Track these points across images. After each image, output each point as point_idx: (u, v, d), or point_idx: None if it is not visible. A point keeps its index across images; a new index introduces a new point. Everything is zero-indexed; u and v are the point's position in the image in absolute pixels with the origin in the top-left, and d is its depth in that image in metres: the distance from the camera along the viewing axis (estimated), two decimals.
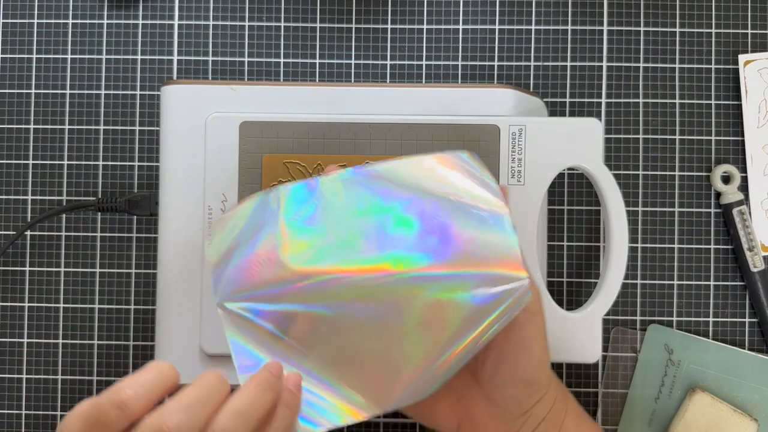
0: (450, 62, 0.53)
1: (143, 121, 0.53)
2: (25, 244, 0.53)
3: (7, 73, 0.54)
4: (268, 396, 0.35)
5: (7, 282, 0.53)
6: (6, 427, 0.52)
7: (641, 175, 0.53)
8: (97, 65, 0.54)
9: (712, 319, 0.52)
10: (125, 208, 0.50)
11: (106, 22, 0.54)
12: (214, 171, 0.46)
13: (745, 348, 0.52)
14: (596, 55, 0.53)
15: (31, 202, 0.53)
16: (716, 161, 0.53)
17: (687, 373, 0.51)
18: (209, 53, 0.54)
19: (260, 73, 0.53)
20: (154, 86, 0.53)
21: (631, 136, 0.53)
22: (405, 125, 0.46)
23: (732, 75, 0.53)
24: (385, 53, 0.54)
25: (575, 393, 0.52)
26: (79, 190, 0.53)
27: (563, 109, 0.53)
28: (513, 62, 0.53)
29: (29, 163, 0.53)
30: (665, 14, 0.54)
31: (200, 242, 0.46)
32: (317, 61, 0.54)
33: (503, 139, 0.46)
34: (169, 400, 0.33)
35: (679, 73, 0.53)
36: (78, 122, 0.53)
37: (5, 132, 0.53)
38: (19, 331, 0.53)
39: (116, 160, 0.53)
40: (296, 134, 0.46)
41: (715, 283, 0.53)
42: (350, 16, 0.54)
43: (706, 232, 0.53)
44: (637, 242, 0.53)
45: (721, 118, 0.53)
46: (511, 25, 0.54)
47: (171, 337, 0.47)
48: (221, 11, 0.54)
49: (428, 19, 0.54)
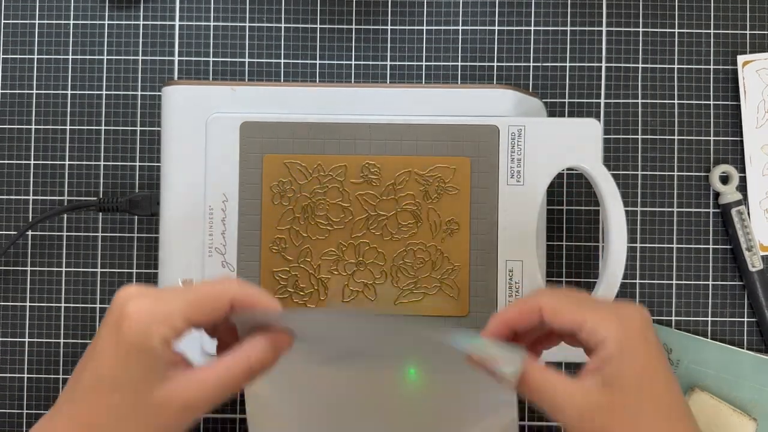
0: (450, 63, 0.54)
1: (144, 122, 0.54)
2: (26, 244, 0.53)
3: (8, 74, 0.54)
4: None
5: (8, 282, 0.53)
6: (7, 427, 0.52)
7: (640, 175, 0.53)
8: (98, 66, 0.54)
9: (711, 318, 0.53)
10: (126, 208, 0.51)
11: (107, 22, 0.54)
12: (214, 171, 0.47)
13: (743, 347, 0.52)
14: (595, 56, 0.54)
15: (32, 202, 0.53)
16: (715, 161, 0.53)
17: (686, 373, 0.52)
18: (210, 54, 0.54)
19: (261, 74, 0.54)
20: (155, 87, 0.54)
21: (630, 137, 0.53)
22: (405, 125, 0.46)
23: (731, 75, 0.53)
24: (385, 54, 0.54)
25: None
26: (80, 190, 0.53)
27: (562, 110, 0.53)
28: (512, 63, 0.54)
29: (30, 163, 0.53)
30: (664, 15, 0.54)
31: (200, 242, 0.47)
32: (317, 62, 0.54)
33: (503, 139, 0.46)
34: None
35: (678, 74, 0.53)
36: (79, 122, 0.53)
37: (7, 132, 0.54)
38: (20, 331, 0.53)
39: (117, 160, 0.53)
40: (296, 134, 0.46)
41: (713, 283, 0.53)
42: (350, 17, 0.54)
43: (705, 232, 0.53)
44: (636, 242, 0.53)
45: (719, 119, 0.53)
46: (511, 26, 0.54)
47: None
48: (222, 12, 0.54)
49: (428, 20, 0.54)
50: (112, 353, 0.33)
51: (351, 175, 0.46)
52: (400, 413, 0.41)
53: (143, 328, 0.32)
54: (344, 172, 0.46)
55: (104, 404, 0.32)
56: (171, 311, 0.33)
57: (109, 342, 0.33)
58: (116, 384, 0.32)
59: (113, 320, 0.33)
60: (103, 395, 0.32)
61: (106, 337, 0.33)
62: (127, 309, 0.33)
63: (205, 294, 0.34)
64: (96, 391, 0.33)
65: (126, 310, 0.33)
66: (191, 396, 0.33)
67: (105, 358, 0.33)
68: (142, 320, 0.33)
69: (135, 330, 0.32)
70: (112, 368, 0.33)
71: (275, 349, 0.35)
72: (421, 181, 0.46)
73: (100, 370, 0.33)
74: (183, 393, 0.33)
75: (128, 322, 0.32)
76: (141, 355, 0.32)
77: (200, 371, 0.34)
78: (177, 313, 0.33)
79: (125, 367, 0.32)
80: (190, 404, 0.33)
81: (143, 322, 0.32)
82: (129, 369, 0.32)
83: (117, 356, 0.32)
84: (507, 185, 0.46)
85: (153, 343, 0.32)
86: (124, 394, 0.32)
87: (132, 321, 0.32)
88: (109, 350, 0.33)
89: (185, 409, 0.33)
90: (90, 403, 0.33)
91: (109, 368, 0.33)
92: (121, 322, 0.33)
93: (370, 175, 0.46)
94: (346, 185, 0.46)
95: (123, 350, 0.32)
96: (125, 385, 0.32)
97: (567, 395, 0.34)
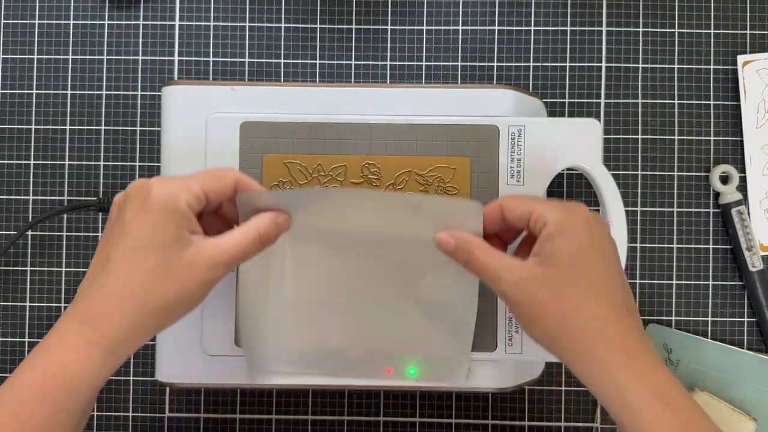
0: (450, 63, 0.54)
1: (144, 122, 0.54)
2: (26, 244, 0.53)
3: (9, 74, 0.54)
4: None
5: (8, 282, 0.53)
6: None
7: (640, 175, 0.53)
8: (98, 66, 0.54)
9: (711, 318, 0.53)
10: None
11: (107, 22, 0.54)
12: None
13: (743, 347, 0.52)
14: (595, 56, 0.54)
15: (32, 202, 0.53)
16: (715, 161, 0.53)
17: (686, 373, 0.52)
18: (210, 54, 0.54)
19: (260, 74, 0.54)
20: (155, 87, 0.54)
21: (630, 137, 0.53)
22: (405, 125, 0.46)
23: (731, 75, 0.53)
24: (385, 54, 0.54)
25: (576, 393, 0.53)
26: (80, 190, 0.53)
27: (562, 110, 0.53)
28: (512, 63, 0.54)
29: (30, 163, 0.53)
30: (664, 15, 0.54)
31: None
32: (317, 62, 0.54)
33: (503, 139, 0.46)
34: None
35: (678, 74, 0.53)
36: (79, 122, 0.53)
37: (7, 132, 0.54)
38: (20, 331, 0.53)
39: (117, 160, 0.53)
40: (296, 134, 0.46)
41: (713, 283, 0.53)
42: (350, 17, 0.54)
43: (705, 232, 0.53)
44: (636, 242, 0.53)
45: (719, 119, 0.53)
46: (511, 26, 0.54)
47: (171, 337, 0.47)
48: (222, 12, 0.54)
49: (428, 20, 0.54)
50: (142, 224, 0.37)
51: (351, 175, 0.46)
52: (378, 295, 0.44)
53: (171, 193, 0.37)
54: (344, 172, 0.46)
55: (139, 270, 0.36)
56: (189, 182, 0.38)
57: (137, 216, 0.37)
58: (149, 250, 0.36)
59: (139, 197, 0.37)
60: (137, 263, 0.36)
61: (133, 213, 0.37)
62: (149, 185, 0.37)
63: (214, 172, 0.39)
64: (130, 260, 0.36)
65: (149, 186, 0.37)
66: (216, 255, 0.37)
67: (135, 229, 0.37)
68: (168, 190, 0.37)
69: (164, 197, 0.37)
70: (143, 237, 0.36)
71: (277, 225, 0.40)
72: (421, 181, 0.46)
73: (132, 240, 0.37)
74: (208, 253, 0.37)
75: (155, 192, 0.37)
76: (169, 220, 0.37)
77: (220, 238, 0.38)
78: (195, 184, 0.38)
79: (155, 234, 0.37)
80: (215, 263, 0.37)
81: (169, 190, 0.37)
82: (159, 235, 0.37)
83: (148, 225, 0.37)
84: (507, 185, 0.46)
85: (180, 205, 0.37)
86: (157, 258, 0.36)
87: (159, 190, 0.37)
88: (138, 222, 0.37)
89: (212, 267, 0.37)
90: (126, 270, 0.36)
91: (141, 237, 0.36)
92: (147, 196, 0.37)
93: (370, 175, 0.46)
94: (346, 185, 0.46)
95: (153, 218, 0.37)
96: (157, 250, 0.36)
97: (506, 267, 0.38)
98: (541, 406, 0.53)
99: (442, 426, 0.53)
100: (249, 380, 0.46)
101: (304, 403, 0.53)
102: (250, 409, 0.53)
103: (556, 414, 0.53)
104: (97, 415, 0.53)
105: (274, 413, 0.53)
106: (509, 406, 0.53)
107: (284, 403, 0.53)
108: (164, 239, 0.37)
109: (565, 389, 0.53)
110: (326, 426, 0.53)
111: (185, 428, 0.53)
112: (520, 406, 0.53)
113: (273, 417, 0.53)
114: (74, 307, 0.37)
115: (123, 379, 0.53)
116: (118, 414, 0.53)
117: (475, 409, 0.53)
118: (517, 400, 0.53)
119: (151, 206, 0.37)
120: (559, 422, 0.53)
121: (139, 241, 0.36)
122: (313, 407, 0.53)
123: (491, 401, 0.53)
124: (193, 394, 0.53)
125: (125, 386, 0.53)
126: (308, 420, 0.53)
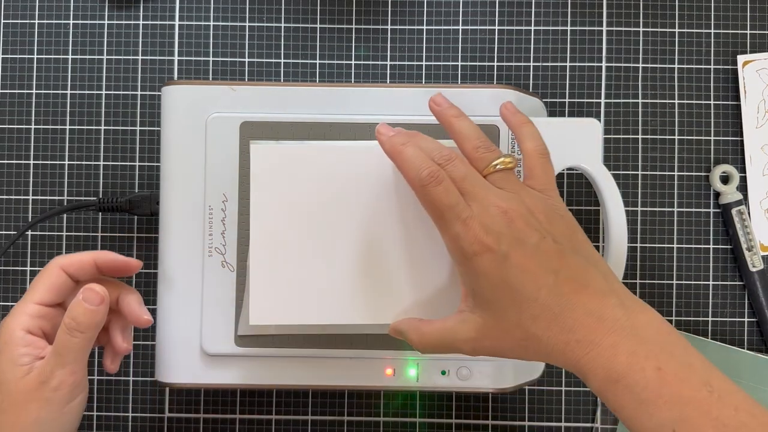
0: (450, 63, 0.54)
1: (144, 122, 0.54)
2: (26, 244, 0.53)
3: (8, 74, 0.54)
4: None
5: (7, 282, 0.53)
6: None
7: (640, 175, 0.53)
8: (98, 65, 0.54)
9: (711, 318, 0.53)
10: (126, 207, 0.51)
11: (107, 22, 0.54)
12: (214, 171, 0.47)
13: (744, 347, 0.52)
14: (595, 56, 0.54)
15: (32, 201, 0.53)
16: (715, 161, 0.53)
17: None
18: (210, 54, 0.54)
19: (260, 74, 0.54)
20: (155, 86, 0.54)
21: (630, 137, 0.53)
22: (405, 125, 0.46)
23: (731, 75, 0.53)
24: (385, 54, 0.54)
25: (575, 393, 0.53)
26: (80, 190, 0.53)
27: (562, 110, 0.53)
28: (513, 63, 0.54)
29: (30, 163, 0.53)
30: (664, 15, 0.54)
31: (200, 242, 0.47)
32: (317, 62, 0.54)
33: (503, 139, 0.46)
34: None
35: (678, 74, 0.53)
36: (79, 122, 0.53)
37: (6, 132, 0.54)
38: None
39: (117, 160, 0.53)
40: (296, 134, 0.46)
41: (714, 283, 0.53)
42: (350, 17, 0.54)
43: (705, 232, 0.53)
44: (636, 242, 0.53)
45: (720, 119, 0.53)
46: (511, 25, 0.54)
47: (171, 337, 0.47)
48: (222, 12, 0.54)
49: (428, 20, 0.54)
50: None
51: None
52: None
53: (8, 326, 0.41)
54: None
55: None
56: (24, 305, 0.41)
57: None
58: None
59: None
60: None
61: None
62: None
63: (39, 276, 0.42)
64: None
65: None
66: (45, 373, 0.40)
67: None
68: (6, 322, 0.41)
69: (4, 331, 0.41)
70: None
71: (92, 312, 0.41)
72: None
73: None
74: (39, 377, 0.40)
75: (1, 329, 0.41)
76: (7, 356, 0.40)
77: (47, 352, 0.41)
78: (28, 304, 0.41)
79: (3, 371, 0.40)
80: (45, 378, 0.40)
81: (7, 322, 0.41)
82: (5, 372, 0.40)
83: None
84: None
85: (16, 336, 0.40)
86: (2, 394, 0.40)
87: (2, 327, 0.41)
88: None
89: (43, 384, 0.40)
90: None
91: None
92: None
93: None
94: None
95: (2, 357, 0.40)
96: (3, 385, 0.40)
97: (453, 335, 0.39)
98: (541, 406, 0.53)
99: (442, 426, 0.53)
100: (244, 332, 0.46)
101: (304, 403, 0.53)
102: (249, 409, 0.53)
103: (556, 414, 0.53)
104: (97, 415, 0.53)
105: (274, 413, 0.53)
106: (509, 406, 0.53)
107: (284, 403, 0.53)
108: (3, 376, 0.40)
109: (565, 389, 0.53)
110: (326, 426, 0.53)
111: (185, 428, 0.53)
112: (520, 406, 0.53)
113: (273, 417, 0.53)
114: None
115: (122, 379, 0.53)
116: (118, 414, 0.53)
117: (475, 409, 0.53)
118: (517, 400, 0.53)
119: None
120: (559, 422, 0.53)
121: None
122: (313, 407, 0.53)
123: (491, 401, 0.53)
124: (193, 394, 0.53)
125: (125, 386, 0.53)
126: (308, 420, 0.53)
